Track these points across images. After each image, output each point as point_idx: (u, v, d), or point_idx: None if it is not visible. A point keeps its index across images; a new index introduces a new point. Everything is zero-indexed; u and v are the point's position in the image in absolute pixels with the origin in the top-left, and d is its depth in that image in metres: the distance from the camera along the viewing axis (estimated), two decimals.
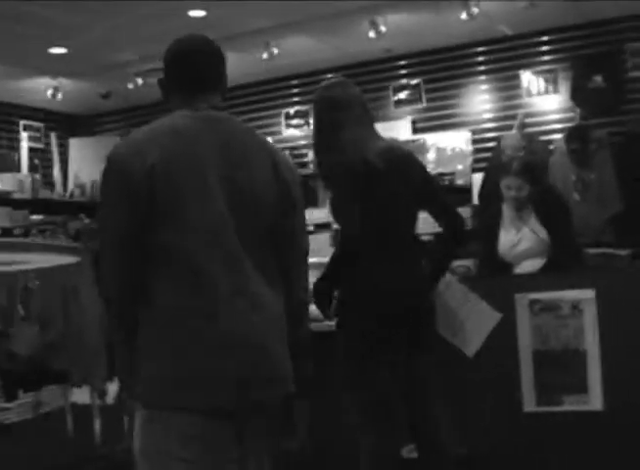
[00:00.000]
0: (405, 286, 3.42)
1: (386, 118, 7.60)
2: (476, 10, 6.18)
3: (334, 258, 3.61)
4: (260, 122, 8.57)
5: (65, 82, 8.05)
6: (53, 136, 9.10)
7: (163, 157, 2.22)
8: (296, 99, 8.48)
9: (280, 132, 8.55)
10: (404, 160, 3.46)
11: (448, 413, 3.51)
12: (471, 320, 4.01)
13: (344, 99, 3.45)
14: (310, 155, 8.08)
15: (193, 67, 2.46)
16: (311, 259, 4.51)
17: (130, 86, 7.81)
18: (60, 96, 8.09)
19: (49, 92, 8.01)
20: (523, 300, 3.93)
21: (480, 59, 7.58)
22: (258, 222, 2.33)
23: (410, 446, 3.60)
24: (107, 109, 9.15)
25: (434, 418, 3.48)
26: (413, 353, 3.46)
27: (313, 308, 4.40)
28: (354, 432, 3.42)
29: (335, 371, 3.45)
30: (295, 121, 8.49)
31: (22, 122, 8.73)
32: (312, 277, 5.08)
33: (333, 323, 3.53)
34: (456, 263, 6.86)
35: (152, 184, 2.19)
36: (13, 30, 6.48)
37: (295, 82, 8.43)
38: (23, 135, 8.79)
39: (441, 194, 3.61)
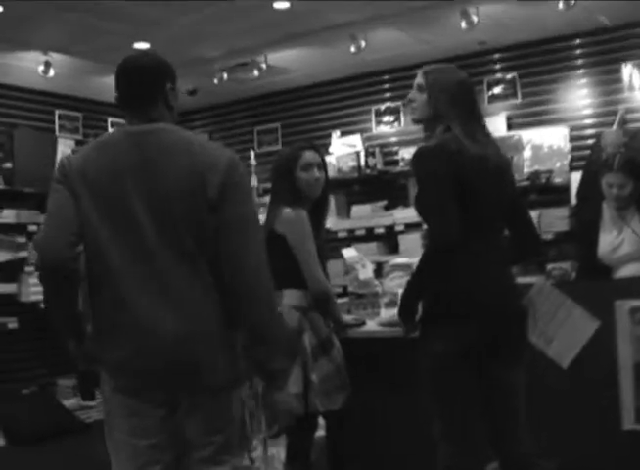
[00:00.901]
0: (507, 288, 3.27)
1: None
2: (573, 0, 5.87)
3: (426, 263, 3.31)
4: (350, 119, 8.38)
5: None
6: None
7: (85, 165, 2.69)
8: (386, 95, 8.24)
9: (370, 129, 8.31)
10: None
11: (537, 426, 3.27)
12: (565, 328, 3.75)
13: None
14: (401, 152, 7.87)
15: (124, 84, 2.78)
16: (400, 260, 4.26)
17: (216, 82, 7.67)
18: None
19: None
20: (623, 307, 3.66)
21: (579, 51, 7.20)
22: (174, 222, 2.60)
23: (494, 464, 3.36)
24: (193, 106, 9.03)
25: (521, 431, 3.26)
26: (506, 363, 3.25)
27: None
28: (434, 443, 3.23)
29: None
30: (385, 118, 8.25)
31: (109, 120, 8.69)
32: (400, 279, 4.97)
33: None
34: (551, 266, 6.60)
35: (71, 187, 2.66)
36: (96, 26, 6.41)
37: (385, 78, 8.20)
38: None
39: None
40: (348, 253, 5.22)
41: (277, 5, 6.13)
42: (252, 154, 7.45)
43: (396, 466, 4.20)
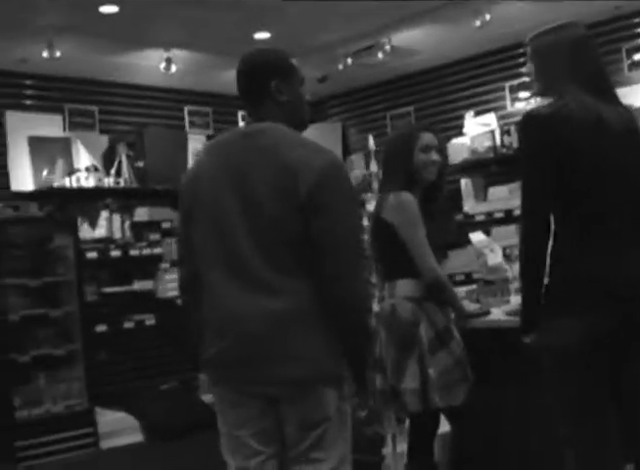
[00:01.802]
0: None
1: (619, 84, 6.83)
2: None
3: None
4: (483, 98, 8.06)
5: None
6: None
7: (193, 166, 2.93)
8: (520, 70, 7.84)
9: (504, 107, 7.95)
10: None
11: None
12: None
13: None
14: None
15: (237, 85, 2.82)
16: None
17: (340, 67, 7.50)
18: None
19: None
20: None
21: None
22: (269, 224, 2.58)
23: (629, 468, 3.04)
24: (327, 93, 8.89)
25: None
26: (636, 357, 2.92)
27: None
28: (561, 444, 2.95)
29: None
30: (521, 94, 7.86)
31: (240, 113, 8.63)
32: None
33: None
34: None
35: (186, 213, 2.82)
36: (215, 19, 6.34)
37: (517, 52, 7.81)
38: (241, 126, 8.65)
39: None
40: (476, 237, 4.99)
41: None
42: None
43: (523, 466, 3.93)
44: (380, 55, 7.28)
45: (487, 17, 6.45)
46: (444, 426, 4.06)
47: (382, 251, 3.96)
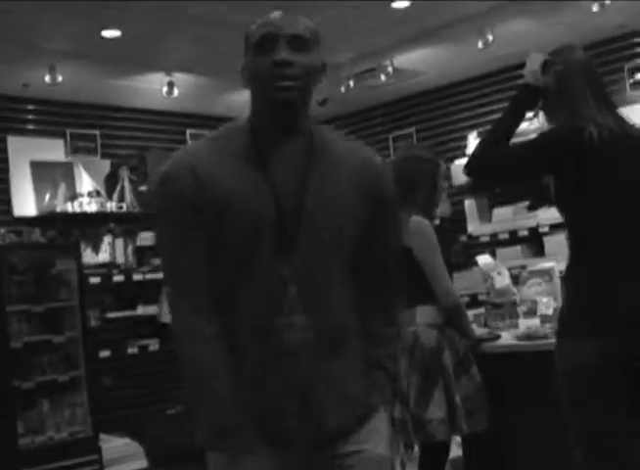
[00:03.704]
0: None
1: (621, 103, 6.80)
2: None
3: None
4: (486, 119, 7.98)
5: None
6: None
7: None
8: None
9: None
10: None
11: None
12: None
13: None
14: None
15: None
16: (539, 266, 3.78)
17: (342, 90, 7.48)
18: None
19: None
20: None
21: None
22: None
23: None
24: (328, 116, 8.86)
25: None
26: None
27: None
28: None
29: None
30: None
31: None
32: (539, 286, 4.65)
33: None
34: None
35: None
36: (216, 43, 6.31)
37: (520, 72, 7.78)
38: None
39: None
40: (483, 260, 4.96)
41: (396, 5, 5.88)
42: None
43: None
44: (382, 77, 7.26)
45: (490, 37, 6.43)
46: (454, 451, 4.02)
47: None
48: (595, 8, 5.84)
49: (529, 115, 7.03)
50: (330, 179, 2.19)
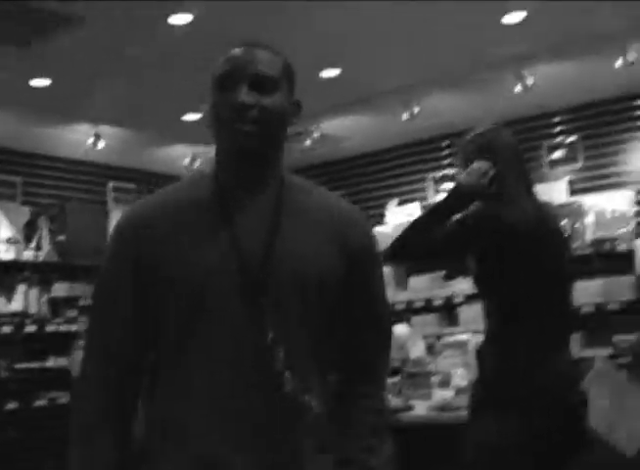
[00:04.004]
0: (568, 370, 2.98)
1: (540, 180, 7.02)
2: (633, 56, 5.61)
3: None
4: (406, 188, 8.18)
5: None
6: None
7: None
8: (444, 162, 8.02)
9: (428, 198, 8.06)
10: None
11: None
12: (629, 413, 3.44)
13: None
14: None
15: None
16: (453, 338, 3.85)
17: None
18: None
19: None
20: None
21: None
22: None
23: None
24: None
25: None
26: (571, 454, 2.92)
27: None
28: None
29: None
30: (444, 186, 8.00)
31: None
32: (454, 358, 4.71)
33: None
34: (620, 337, 6.25)
35: None
36: (145, 98, 6.34)
37: (442, 144, 7.99)
38: None
39: None
40: (399, 330, 5.00)
41: (326, 73, 6.00)
42: None
43: None
44: (308, 141, 7.35)
45: (416, 109, 6.59)
46: None
47: None
48: (519, 88, 6.02)
49: (449, 186, 7.24)
50: (300, 233, 1.93)
